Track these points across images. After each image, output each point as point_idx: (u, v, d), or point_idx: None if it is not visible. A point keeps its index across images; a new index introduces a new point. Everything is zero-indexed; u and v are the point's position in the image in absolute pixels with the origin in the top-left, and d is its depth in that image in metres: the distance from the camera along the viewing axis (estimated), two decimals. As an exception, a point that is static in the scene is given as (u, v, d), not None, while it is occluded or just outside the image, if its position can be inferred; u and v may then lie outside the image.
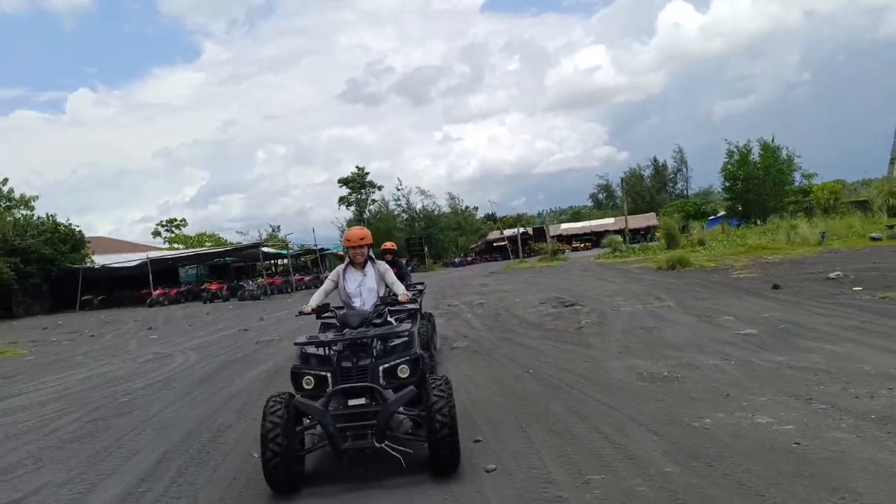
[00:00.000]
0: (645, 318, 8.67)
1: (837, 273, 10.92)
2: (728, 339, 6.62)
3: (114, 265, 32.84)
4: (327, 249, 42.40)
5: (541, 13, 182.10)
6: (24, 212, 33.34)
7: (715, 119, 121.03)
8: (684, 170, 76.09)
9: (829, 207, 29.89)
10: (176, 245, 56.99)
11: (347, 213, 62.03)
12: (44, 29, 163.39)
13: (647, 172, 77.35)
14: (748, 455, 3.36)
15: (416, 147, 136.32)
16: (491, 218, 73.57)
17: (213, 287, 27.26)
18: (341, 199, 66.24)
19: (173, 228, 64.89)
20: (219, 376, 7.54)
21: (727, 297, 9.99)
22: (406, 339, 3.85)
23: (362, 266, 4.33)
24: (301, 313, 4.24)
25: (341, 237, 50.53)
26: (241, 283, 28.42)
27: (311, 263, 42.37)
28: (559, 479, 3.31)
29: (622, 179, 65.90)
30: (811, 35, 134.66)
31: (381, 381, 3.63)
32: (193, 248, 51.14)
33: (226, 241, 56.99)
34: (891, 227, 18.22)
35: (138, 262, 31.19)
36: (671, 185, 75.23)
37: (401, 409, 3.51)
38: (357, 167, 66.29)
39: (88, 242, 34.14)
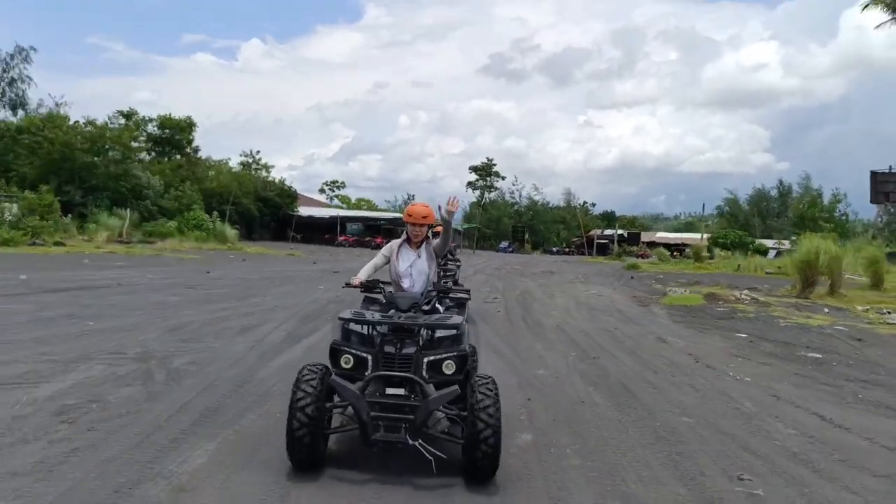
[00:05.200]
0: (543, 290, 22.58)
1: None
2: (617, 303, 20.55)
3: (313, 216, 51.94)
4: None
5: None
6: (263, 173, 53.44)
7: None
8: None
9: None
10: (338, 204, 77.25)
11: (472, 196, 77.74)
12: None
13: (775, 192, 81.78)
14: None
15: (556, 129, 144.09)
16: (608, 216, 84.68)
17: (378, 240, 44.55)
18: (469, 184, 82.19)
19: (335, 188, 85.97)
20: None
21: (605, 276, 23.35)
22: (455, 332, 3.72)
23: (418, 245, 4.26)
24: (348, 285, 4.21)
25: (462, 217, 66.53)
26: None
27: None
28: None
29: (725, 201, 73.45)
30: None
31: (424, 373, 3.52)
32: (352, 209, 70.55)
33: (376, 206, 76.06)
34: None
35: (329, 216, 49.70)
36: (775, 211, 79.55)
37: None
38: (487, 158, 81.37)
39: (297, 198, 53.62)
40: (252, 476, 3.47)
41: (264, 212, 49.22)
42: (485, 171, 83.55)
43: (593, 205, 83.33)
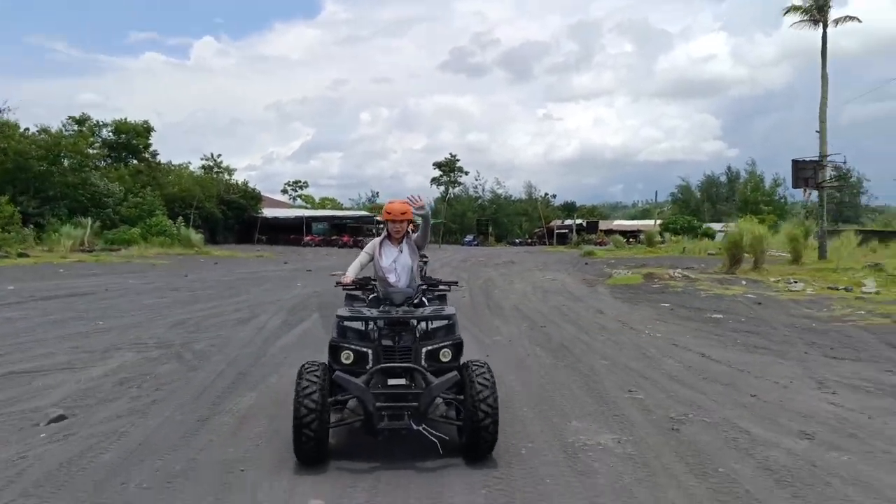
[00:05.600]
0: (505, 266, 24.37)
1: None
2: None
3: (278, 217, 52.43)
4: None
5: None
6: (226, 177, 53.51)
7: (842, 123, 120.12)
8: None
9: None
10: (303, 204, 77.45)
11: (436, 192, 79.20)
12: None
13: (724, 178, 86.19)
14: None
15: (516, 123, 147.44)
16: (568, 206, 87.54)
17: (345, 239, 45.53)
18: (433, 180, 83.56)
19: (298, 188, 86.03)
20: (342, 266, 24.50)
21: (555, 256, 25.28)
22: (448, 322, 3.94)
23: (399, 241, 4.40)
24: (340, 284, 4.39)
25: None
26: (360, 238, 46.53)
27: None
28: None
29: (678, 188, 77.29)
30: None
31: (423, 362, 3.73)
32: (316, 208, 71.04)
33: (341, 204, 76.66)
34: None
35: (294, 217, 50.33)
36: (724, 196, 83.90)
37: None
38: (450, 154, 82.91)
39: (262, 200, 53.96)
40: (288, 410, 4.89)
41: (228, 215, 49.50)
42: (448, 167, 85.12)
43: (554, 196, 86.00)
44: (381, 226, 4.58)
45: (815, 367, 6.35)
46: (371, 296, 4.47)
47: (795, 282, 15.19)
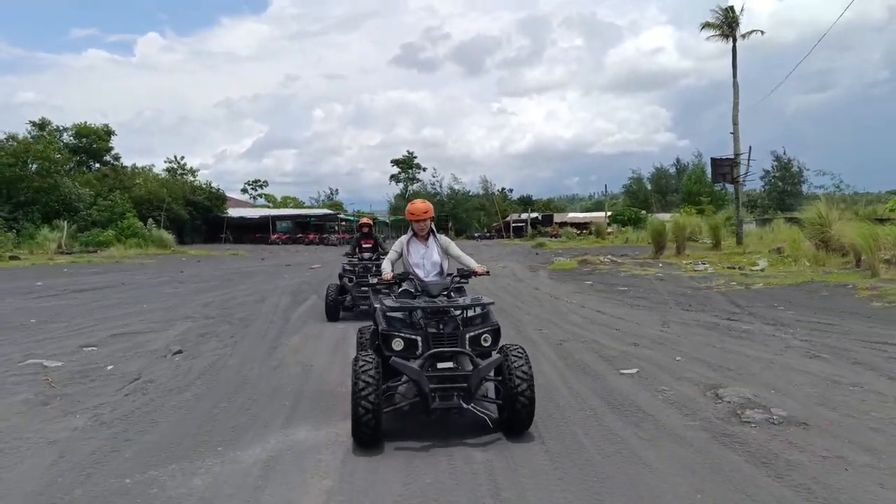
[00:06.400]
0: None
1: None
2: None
3: (244, 216, 54.11)
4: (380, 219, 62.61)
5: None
6: (190, 178, 54.79)
7: (787, 112, 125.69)
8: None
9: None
10: (265, 203, 78.77)
11: (396, 189, 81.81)
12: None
13: (673, 170, 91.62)
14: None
15: (471, 117, 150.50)
16: (525, 200, 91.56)
17: (311, 236, 47.79)
18: (392, 177, 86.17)
19: (258, 187, 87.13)
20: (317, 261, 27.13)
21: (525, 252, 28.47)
22: (484, 310, 4.39)
23: (425, 238, 4.85)
24: (380, 281, 4.71)
25: (389, 210, 70.77)
26: (325, 235, 48.81)
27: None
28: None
29: (630, 180, 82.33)
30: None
31: (467, 346, 4.11)
32: (278, 207, 72.63)
33: (302, 202, 78.32)
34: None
35: (260, 216, 52.14)
36: (673, 187, 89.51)
37: None
38: (408, 151, 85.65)
39: (227, 200, 55.45)
40: (325, 345, 7.71)
41: (195, 215, 50.89)
42: (406, 164, 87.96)
43: (510, 190, 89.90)
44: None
45: (669, 315, 9.56)
46: (400, 290, 4.85)
47: (703, 264, 18.69)
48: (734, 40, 27.06)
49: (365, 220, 11.44)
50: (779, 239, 26.96)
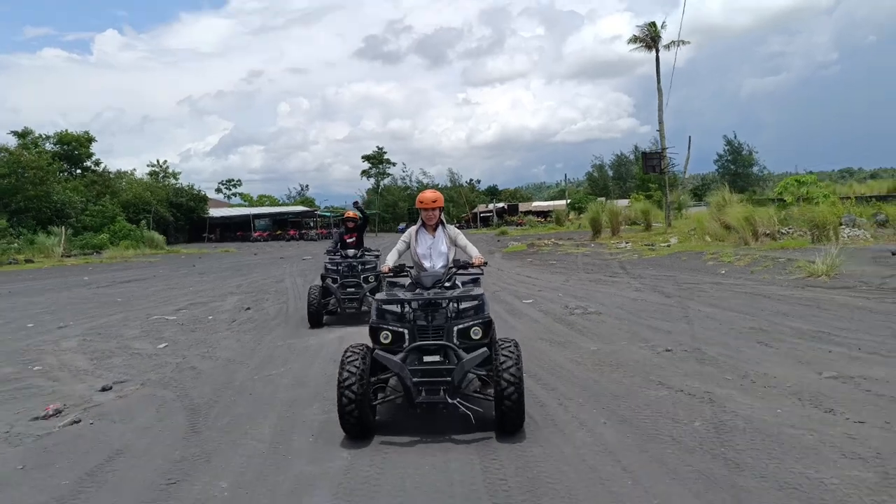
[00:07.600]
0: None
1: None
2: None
3: (226, 216, 57.36)
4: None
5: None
6: (173, 181, 57.71)
7: (742, 96, 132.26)
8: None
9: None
10: (241, 202, 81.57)
11: (367, 184, 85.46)
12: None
13: (632, 157, 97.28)
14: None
15: (437, 108, 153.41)
16: (492, 191, 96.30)
17: (291, 233, 51.51)
18: (363, 172, 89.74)
19: (232, 186, 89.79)
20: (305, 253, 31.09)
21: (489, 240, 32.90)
22: (477, 302, 4.35)
23: (434, 229, 4.85)
24: (381, 273, 4.81)
25: (363, 204, 74.96)
26: (305, 230, 52.57)
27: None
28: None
29: (593, 167, 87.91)
30: (843, 15, 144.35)
31: (455, 340, 4.11)
32: (254, 205, 75.73)
33: (278, 200, 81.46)
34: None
35: (241, 215, 55.49)
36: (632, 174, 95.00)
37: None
38: (378, 147, 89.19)
39: (208, 201, 58.59)
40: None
41: (179, 216, 53.95)
42: (377, 160, 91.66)
43: (478, 182, 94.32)
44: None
45: (572, 275, 14.00)
46: (409, 281, 4.85)
47: (626, 243, 23.35)
48: (657, 51, 31.84)
49: (350, 213, 10.15)
50: (695, 221, 31.96)
